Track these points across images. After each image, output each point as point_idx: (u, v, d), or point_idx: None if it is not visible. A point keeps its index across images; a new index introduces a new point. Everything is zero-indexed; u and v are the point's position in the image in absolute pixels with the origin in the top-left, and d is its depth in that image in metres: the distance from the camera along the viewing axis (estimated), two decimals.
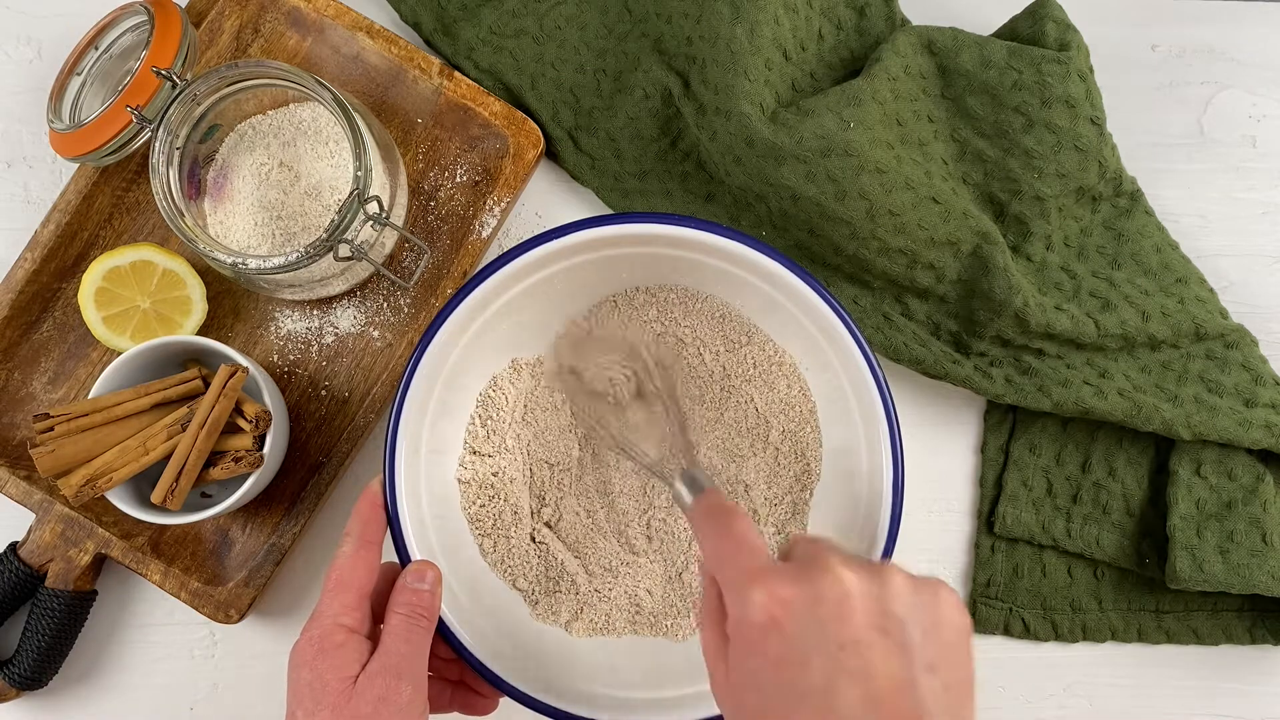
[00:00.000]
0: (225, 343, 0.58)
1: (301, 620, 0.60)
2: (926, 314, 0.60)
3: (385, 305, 0.60)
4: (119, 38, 0.58)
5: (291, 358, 0.60)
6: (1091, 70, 0.59)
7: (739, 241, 0.51)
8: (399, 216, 0.58)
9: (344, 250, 0.53)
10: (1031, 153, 0.58)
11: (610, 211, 0.62)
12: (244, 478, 0.54)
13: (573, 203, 0.63)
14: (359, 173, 0.52)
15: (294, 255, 0.51)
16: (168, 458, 0.53)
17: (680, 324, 0.57)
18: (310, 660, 0.43)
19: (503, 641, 0.51)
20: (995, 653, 0.60)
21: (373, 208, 0.53)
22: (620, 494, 0.57)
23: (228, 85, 0.54)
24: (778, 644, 0.34)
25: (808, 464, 0.56)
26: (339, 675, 0.42)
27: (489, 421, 0.56)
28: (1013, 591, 0.60)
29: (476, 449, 0.56)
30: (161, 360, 0.56)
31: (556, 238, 0.51)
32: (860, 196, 0.56)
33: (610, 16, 0.63)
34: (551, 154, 0.63)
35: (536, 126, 0.60)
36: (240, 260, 0.52)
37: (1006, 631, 0.60)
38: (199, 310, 0.59)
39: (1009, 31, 0.61)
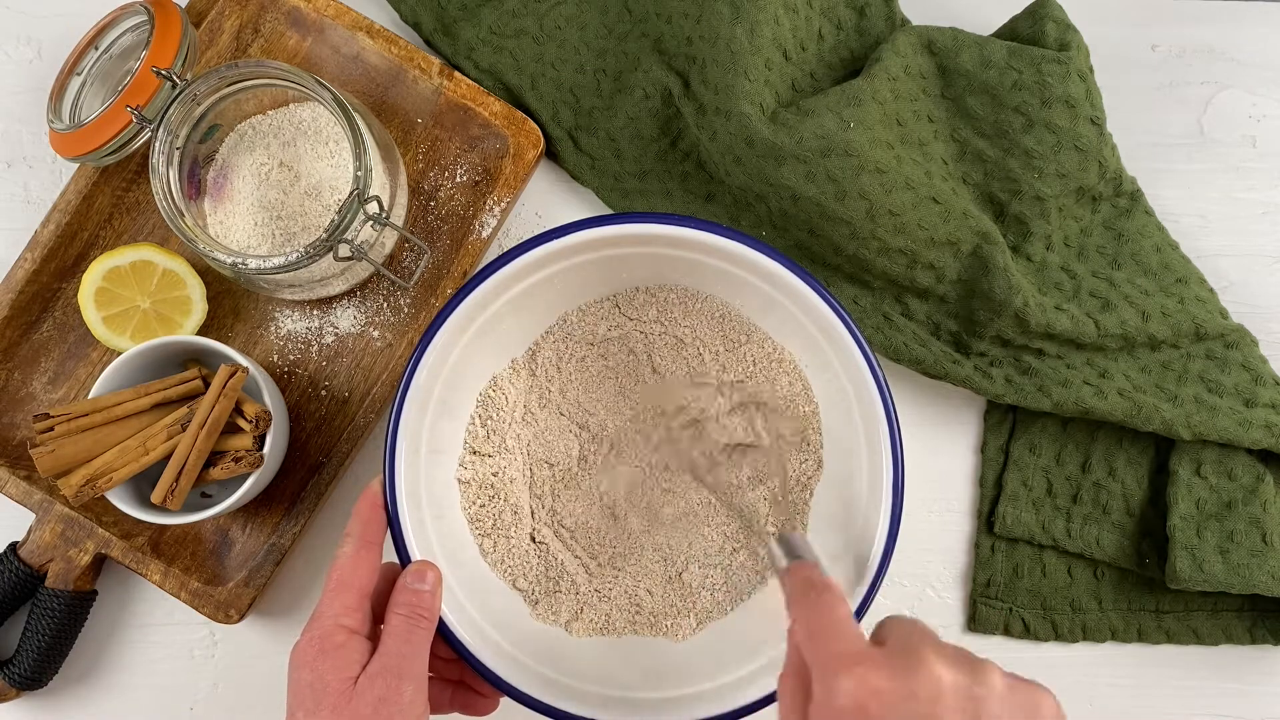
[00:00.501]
0: (225, 343, 0.58)
1: (301, 620, 0.60)
2: (927, 314, 0.60)
3: (385, 305, 0.60)
4: (119, 38, 0.58)
5: (291, 358, 0.60)
6: (1091, 70, 0.59)
7: (739, 241, 0.51)
8: (399, 216, 0.58)
9: (344, 250, 0.53)
10: (1031, 153, 0.58)
11: (610, 211, 0.62)
12: (244, 478, 0.54)
13: (573, 203, 0.63)
14: (359, 173, 0.52)
15: (294, 255, 0.51)
16: (168, 458, 0.53)
17: (680, 324, 0.57)
18: (311, 661, 0.43)
19: (503, 642, 0.51)
20: (995, 653, 0.60)
21: (373, 208, 0.53)
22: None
23: (228, 85, 0.54)
24: None
25: (808, 463, 0.56)
26: (339, 676, 0.42)
27: (489, 421, 0.56)
28: (1013, 591, 0.60)
29: (476, 449, 0.56)
30: (161, 360, 0.56)
31: (556, 238, 0.51)
32: (860, 196, 0.56)
33: (610, 16, 0.63)
34: (551, 154, 0.63)
35: (536, 126, 0.60)
36: (240, 260, 0.52)
37: (1006, 631, 0.60)
38: (199, 310, 0.59)
39: (1009, 32, 0.61)
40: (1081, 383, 0.58)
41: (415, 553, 0.50)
